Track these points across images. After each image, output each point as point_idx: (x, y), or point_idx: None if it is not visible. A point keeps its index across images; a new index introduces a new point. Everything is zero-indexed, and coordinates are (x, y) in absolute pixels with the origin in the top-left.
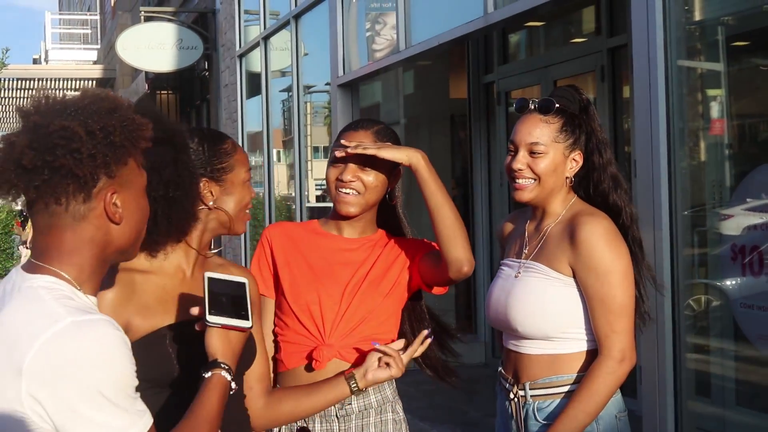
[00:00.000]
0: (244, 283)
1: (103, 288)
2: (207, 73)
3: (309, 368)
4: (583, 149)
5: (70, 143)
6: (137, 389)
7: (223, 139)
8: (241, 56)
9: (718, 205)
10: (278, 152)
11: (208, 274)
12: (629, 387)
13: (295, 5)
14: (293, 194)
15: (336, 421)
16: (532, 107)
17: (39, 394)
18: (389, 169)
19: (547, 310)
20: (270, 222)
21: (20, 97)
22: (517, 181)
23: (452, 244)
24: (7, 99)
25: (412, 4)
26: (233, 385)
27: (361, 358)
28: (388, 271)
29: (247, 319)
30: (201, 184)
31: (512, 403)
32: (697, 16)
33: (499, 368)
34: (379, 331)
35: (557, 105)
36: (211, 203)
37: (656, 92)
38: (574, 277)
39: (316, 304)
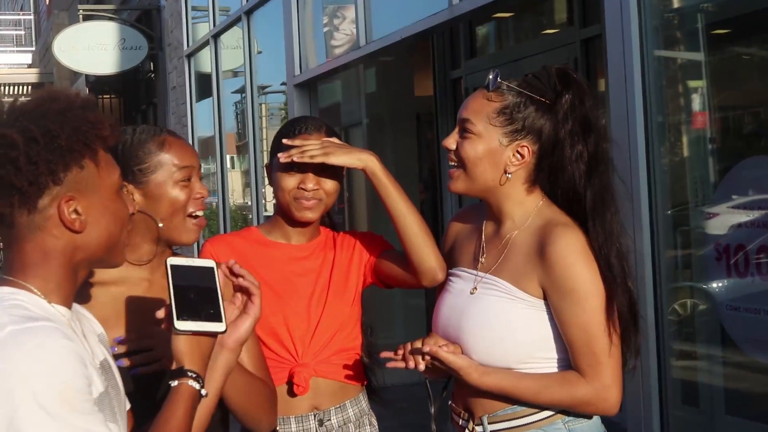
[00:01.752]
0: (212, 268)
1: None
2: (153, 75)
3: (290, 391)
4: (537, 143)
5: (7, 152)
6: (96, 404)
7: (154, 136)
8: (189, 56)
9: (701, 203)
10: (232, 158)
11: (171, 261)
12: None
13: (246, 1)
14: (249, 203)
15: None
16: (486, 82)
17: None
18: (341, 170)
19: (511, 338)
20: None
21: None
22: (449, 168)
23: (424, 254)
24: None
25: None
26: (203, 392)
27: (337, 371)
28: (348, 275)
29: (220, 320)
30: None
31: None
32: (675, 3)
33: (449, 402)
34: (349, 340)
35: (505, 82)
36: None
37: (632, 85)
38: (545, 298)
39: (283, 326)
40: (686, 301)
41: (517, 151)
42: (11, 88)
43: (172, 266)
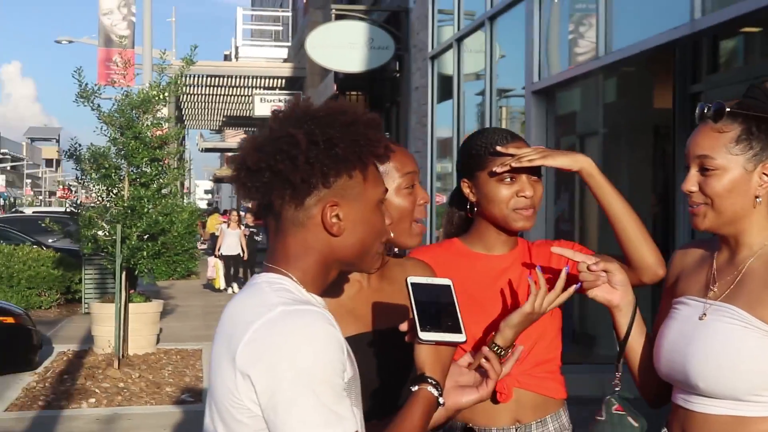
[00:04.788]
0: (449, 286)
1: None
2: (398, 75)
3: (493, 399)
4: None
5: (290, 149)
6: (346, 388)
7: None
8: (433, 58)
9: None
10: None
11: (411, 279)
12: None
13: (491, 6)
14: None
15: None
16: (706, 113)
17: (249, 378)
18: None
19: (743, 366)
20: None
21: (210, 94)
22: (690, 206)
23: (644, 250)
24: (196, 96)
25: (614, 8)
26: (441, 401)
27: (538, 383)
28: (547, 284)
29: (460, 331)
30: None
31: None
32: None
33: (663, 430)
34: (548, 351)
35: (729, 109)
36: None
37: None
38: None
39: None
40: None
41: (763, 173)
42: (266, 80)
43: (412, 284)
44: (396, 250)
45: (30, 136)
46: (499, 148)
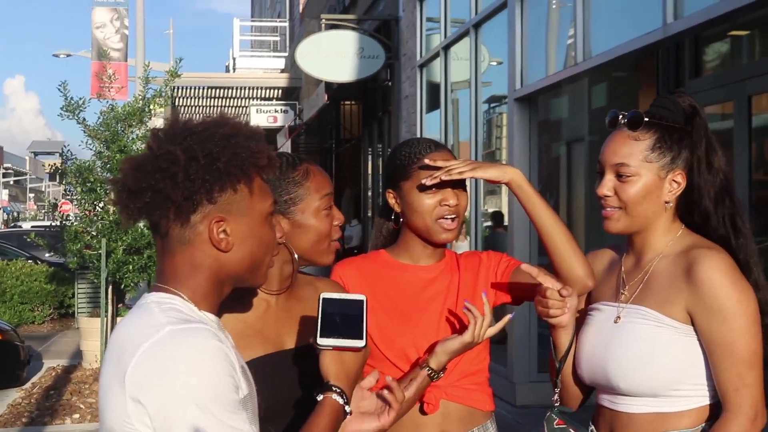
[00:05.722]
0: (361, 301)
1: None
2: (389, 83)
3: (420, 411)
4: (685, 167)
5: (170, 167)
6: (242, 407)
7: (296, 166)
8: (421, 66)
9: None
10: None
11: (324, 295)
12: None
13: (476, 13)
14: (473, 213)
15: None
16: (621, 121)
17: (139, 401)
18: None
19: (658, 364)
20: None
21: (207, 106)
22: (604, 208)
23: (573, 262)
24: (194, 108)
25: (593, 14)
26: (347, 409)
27: (465, 395)
28: (474, 296)
29: (361, 337)
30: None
31: None
32: None
33: (590, 428)
34: (477, 362)
35: (647, 118)
36: (280, 239)
37: None
38: (693, 324)
39: (412, 347)
40: None
41: (674, 180)
42: (263, 91)
43: (324, 298)
44: (309, 268)
45: (33, 150)
46: (427, 161)
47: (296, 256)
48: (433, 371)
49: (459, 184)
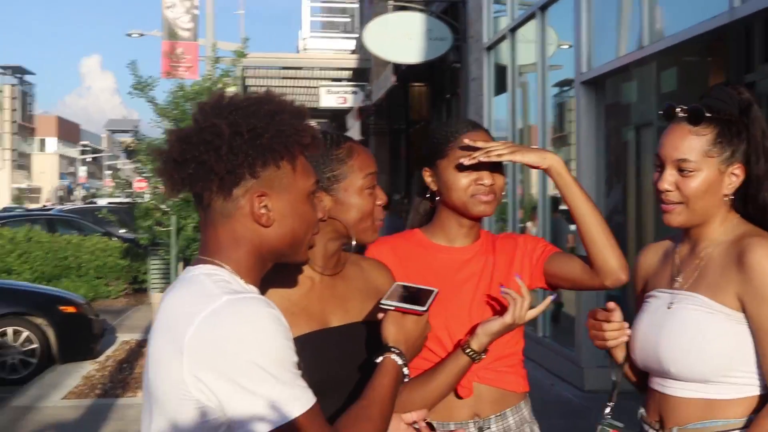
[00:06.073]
0: (431, 291)
1: None
2: (458, 65)
3: (455, 395)
4: (743, 159)
5: (214, 140)
6: (299, 368)
7: (340, 144)
8: (488, 48)
9: None
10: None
11: (399, 283)
12: None
13: None
14: (541, 197)
15: None
16: (681, 115)
17: (199, 371)
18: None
19: (708, 349)
20: (514, 222)
21: (279, 86)
22: (664, 203)
23: (607, 254)
24: (266, 88)
25: None
26: (406, 371)
27: (498, 377)
28: (508, 278)
29: (423, 304)
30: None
31: None
32: None
33: (640, 410)
34: (510, 346)
35: (708, 113)
36: (322, 215)
37: None
38: (743, 311)
39: (444, 329)
40: None
41: (733, 173)
42: (333, 72)
43: (397, 284)
44: (354, 244)
45: (109, 128)
46: (467, 141)
47: (348, 234)
48: (474, 352)
49: (496, 166)
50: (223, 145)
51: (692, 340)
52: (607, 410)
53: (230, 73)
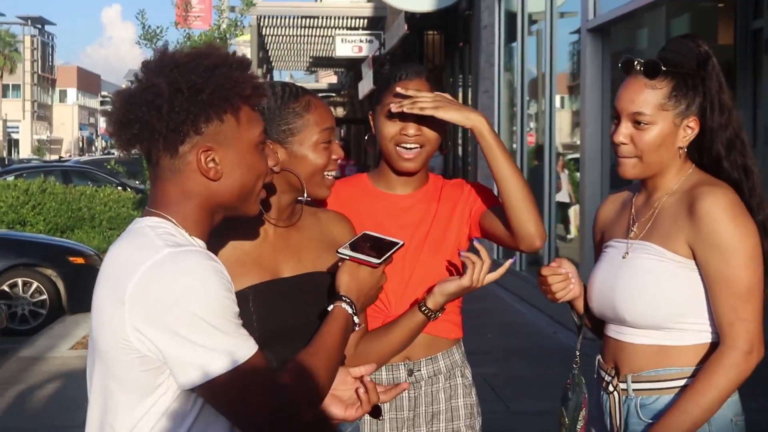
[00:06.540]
0: (396, 243)
1: None
2: (469, 13)
3: None
4: (698, 113)
5: (155, 99)
6: (240, 318)
7: (298, 97)
8: None
9: None
10: (562, 98)
11: (367, 232)
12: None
13: None
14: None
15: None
16: (638, 68)
17: (140, 322)
18: (446, 124)
19: (661, 296)
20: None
21: (294, 35)
22: (618, 155)
23: (524, 219)
24: (281, 37)
25: None
26: (356, 319)
27: (429, 326)
28: (447, 228)
29: (378, 258)
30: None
31: (611, 396)
32: None
33: (597, 357)
34: None
35: (665, 67)
36: (274, 167)
37: None
38: (694, 258)
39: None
40: None
41: (688, 126)
42: (349, 20)
43: (364, 233)
44: (306, 197)
45: (130, 79)
46: (398, 89)
47: (300, 184)
48: (430, 311)
49: (428, 118)
50: (164, 104)
51: (645, 287)
52: (576, 359)
53: (238, 23)
